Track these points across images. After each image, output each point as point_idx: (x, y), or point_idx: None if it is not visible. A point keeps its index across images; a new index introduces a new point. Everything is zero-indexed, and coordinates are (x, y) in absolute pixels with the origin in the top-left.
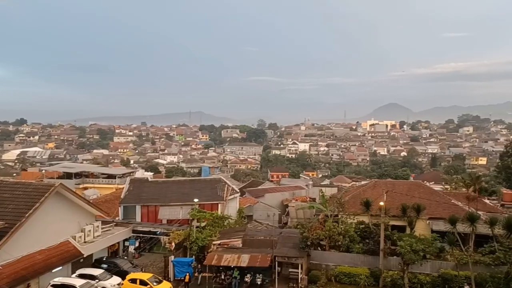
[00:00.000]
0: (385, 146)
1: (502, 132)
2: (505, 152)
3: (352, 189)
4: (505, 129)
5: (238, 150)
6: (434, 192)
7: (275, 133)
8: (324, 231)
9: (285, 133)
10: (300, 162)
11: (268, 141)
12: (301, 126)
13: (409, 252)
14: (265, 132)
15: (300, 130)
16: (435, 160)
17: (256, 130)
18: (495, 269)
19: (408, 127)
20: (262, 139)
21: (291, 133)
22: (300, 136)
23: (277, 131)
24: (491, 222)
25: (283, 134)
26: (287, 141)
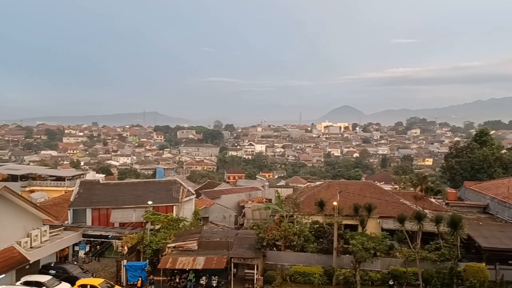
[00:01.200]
0: (338, 148)
1: (447, 135)
2: (449, 153)
3: (307, 189)
4: (449, 131)
5: (194, 151)
6: (384, 192)
7: (232, 134)
8: (280, 231)
9: (241, 135)
10: (257, 163)
11: (225, 142)
12: (258, 128)
13: (360, 250)
14: (221, 133)
15: (257, 131)
16: (385, 161)
17: (212, 131)
18: (440, 265)
19: (360, 129)
20: (219, 140)
21: (248, 134)
22: (257, 138)
23: (233, 132)
24: (436, 220)
25: (239, 135)
26: (244, 143)
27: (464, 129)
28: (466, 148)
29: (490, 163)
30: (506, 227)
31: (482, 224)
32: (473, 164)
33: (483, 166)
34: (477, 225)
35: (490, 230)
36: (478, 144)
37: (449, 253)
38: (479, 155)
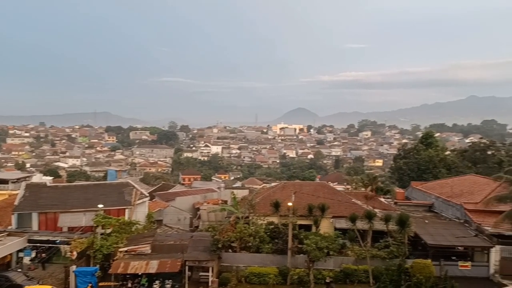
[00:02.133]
0: (293, 149)
1: (396, 137)
2: (397, 155)
3: (262, 190)
4: (398, 133)
5: (148, 152)
6: (337, 192)
7: (187, 136)
8: (235, 232)
9: (197, 136)
10: (212, 165)
11: (180, 143)
12: (214, 129)
13: (314, 250)
14: (176, 134)
15: (213, 132)
16: (338, 162)
17: (167, 132)
18: (389, 262)
19: (315, 131)
20: (174, 142)
21: (204, 135)
22: (213, 139)
23: (189, 134)
24: (386, 219)
25: (195, 136)
26: (199, 144)
27: (411, 131)
28: (413, 149)
29: (435, 164)
30: (449, 225)
31: (428, 222)
32: (420, 165)
33: (428, 166)
34: (423, 223)
35: (435, 227)
36: (424, 146)
37: (398, 250)
38: (425, 156)
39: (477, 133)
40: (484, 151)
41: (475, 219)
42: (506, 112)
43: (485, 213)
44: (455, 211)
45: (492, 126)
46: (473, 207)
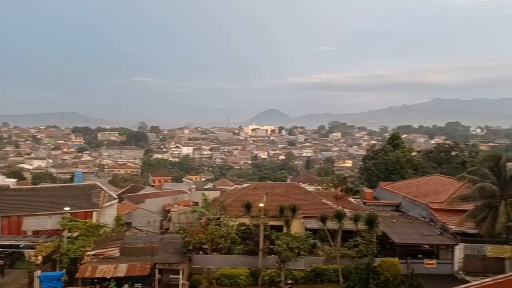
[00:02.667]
0: (265, 150)
1: (365, 138)
2: (366, 156)
3: (234, 192)
4: (367, 135)
5: (117, 154)
6: (308, 193)
7: (158, 137)
8: (206, 234)
9: (168, 137)
10: (183, 166)
11: (150, 144)
12: (185, 130)
13: (285, 250)
14: (146, 135)
15: (184, 133)
16: (309, 163)
17: (137, 133)
18: (358, 261)
19: (286, 132)
20: (144, 143)
21: (174, 136)
22: (184, 140)
23: (159, 135)
24: (355, 218)
25: (166, 137)
26: (170, 145)
27: (379, 132)
28: (381, 150)
29: (402, 165)
30: (416, 224)
31: (395, 221)
32: (387, 166)
33: (396, 167)
34: (391, 222)
35: (402, 226)
36: (391, 147)
37: (366, 249)
38: (392, 157)
39: (441, 135)
40: (448, 152)
41: (440, 218)
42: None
43: (450, 212)
44: (421, 210)
45: (456, 128)
46: (438, 206)
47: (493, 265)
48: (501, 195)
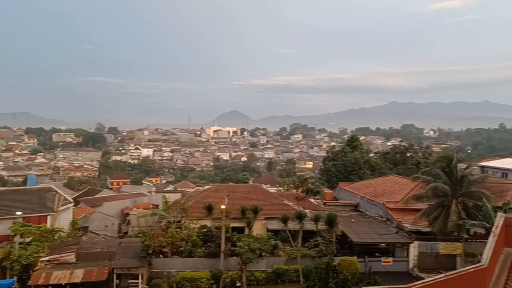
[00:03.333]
0: (227, 152)
1: (325, 140)
2: (326, 157)
3: (195, 194)
4: (327, 136)
5: (73, 156)
6: (270, 194)
7: (116, 138)
8: (167, 237)
9: (127, 138)
10: (143, 168)
11: (108, 146)
12: (144, 131)
13: (247, 252)
14: (104, 136)
15: (143, 135)
16: (271, 164)
17: (94, 134)
18: (318, 260)
19: (248, 133)
20: (101, 144)
21: (134, 138)
22: (143, 141)
23: (118, 136)
24: (315, 219)
25: (124, 139)
26: (129, 146)
27: (339, 134)
28: (341, 152)
29: (360, 166)
30: (373, 223)
31: (354, 221)
32: (346, 167)
33: (354, 168)
34: (349, 222)
35: (360, 226)
36: (350, 149)
37: (326, 249)
38: (351, 158)
39: (397, 137)
40: (403, 153)
41: (396, 217)
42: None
43: (405, 211)
44: (378, 209)
45: (410, 130)
46: (394, 205)
47: (446, 262)
48: (452, 195)
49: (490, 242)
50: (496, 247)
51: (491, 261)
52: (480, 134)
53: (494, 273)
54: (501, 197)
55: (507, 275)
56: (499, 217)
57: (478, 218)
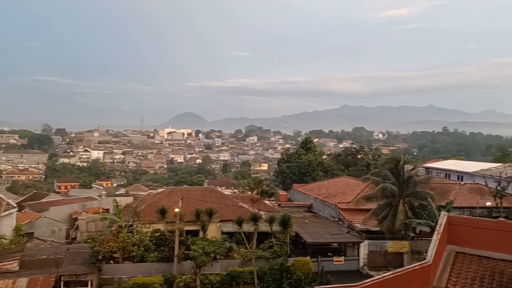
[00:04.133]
0: (182, 154)
1: (279, 142)
2: (281, 159)
3: (148, 197)
4: (281, 139)
5: (17, 158)
6: (225, 196)
7: (64, 140)
8: (118, 242)
9: (75, 140)
10: (93, 171)
11: (55, 148)
12: (95, 133)
13: (201, 255)
14: (51, 138)
15: (93, 136)
16: (226, 167)
17: (40, 136)
18: (273, 261)
19: (203, 135)
20: (48, 146)
21: (83, 140)
22: (93, 143)
23: (66, 138)
24: (270, 220)
25: (73, 140)
26: (78, 149)
27: (293, 137)
28: (295, 154)
29: (313, 167)
30: (326, 223)
31: (307, 221)
32: (300, 168)
33: (308, 170)
34: (303, 223)
35: (313, 226)
36: (304, 151)
37: (280, 250)
38: (305, 160)
39: (349, 139)
40: (354, 155)
41: (347, 217)
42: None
43: (356, 211)
44: (331, 210)
45: (361, 133)
46: (345, 206)
47: (394, 260)
48: (400, 195)
49: (434, 240)
50: (440, 245)
51: (435, 258)
52: (425, 137)
53: (438, 269)
54: (444, 196)
55: (450, 271)
56: (443, 216)
57: (423, 217)
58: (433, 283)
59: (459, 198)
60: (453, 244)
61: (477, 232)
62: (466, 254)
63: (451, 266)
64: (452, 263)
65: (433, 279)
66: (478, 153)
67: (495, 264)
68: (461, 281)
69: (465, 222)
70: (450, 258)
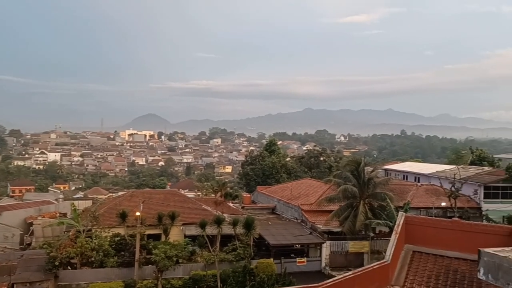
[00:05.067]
0: (143, 156)
1: (244, 144)
2: (245, 161)
3: (108, 200)
4: (245, 141)
5: None
6: (188, 199)
7: (19, 141)
8: (76, 248)
9: (31, 142)
10: (50, 174)
11: (9, 150)
12: (52, 134)
13: (163, 259)
14: (4, 139)
15: (50, 138)
16: (190, 169)
17: None
18: (236, 264)
19: (166, 137)
20: (1, 148)
21: (39, 141)
22: (50, 145)
23: (21, 139)
24: (233, 223)
25: (28, 142)
26: (34, 151)
27: (257, 139)
28: (259, 156)
29: (277, 169)
30: (289, 225)
31: (271, 223)
32: (264, 171)
33: (272, 172)
34: (267, 224)
35: (277, 228)
36: (268, 153)
37: (244, 252)
38: (268, 163)
39: (312, 142)
40: (317, 157)
41: (310, 219)
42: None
43: (318, 212)
44: (294, 212)
45: (324, 136)
46: (308, 207)
47: (354, 260)
48: (360, 196)
49: (393, 239)
50: (398, 244)
51: (393, 257)
52: (384, 140)
53: (396, 268)
54: (402, 197)
55: (407, 270)
56: (400, 216)
57: (382, 218)
58: (391, 282)
59: (416, 199)
60: (410, 244)
61: (432, 231)
62: (423, 253)
63: (409, 265)
64: (409, 262)
65: (391, 278)
66: (434, 156)
67: (449, 262)
68: (418, 279)
69: (421, 222)
70: (408, 257)
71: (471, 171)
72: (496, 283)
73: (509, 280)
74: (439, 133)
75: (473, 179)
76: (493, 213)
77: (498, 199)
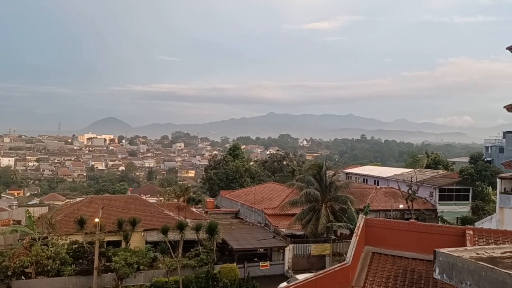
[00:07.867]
0: (103, 161)
1: (207, 148)
2: (208, 166)
3: (65, 207)
4: (209, 145)
5: None
6: (150, 205)
7: None
8: (30, 256)
9: None
10: (3, 180)
11: None
12: (5, 138)
13: (123, 266)
14: None
15: (4, 142)
16: (152, 174)
17: None
18: (199, 270)
19: (127, 142)
20: None
21: None
22: (3, 149)
23: None
24: (196, 228)
25: None
26: None
27: (221, 143)
28: (222, 160)
29: (241, 174)
30: (252, 229)
31: (234, 228)
32: (228, 175)
33: (235, 176)
34: (230, 229)
35: (241, 232)
36: (232, 157)
37: (207, 257)
38: (232, 167)
39: (275, 146)
40: (280, 161)
41: (273, 222)
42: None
43: (281, 216)
44: (257, 216)
45: (287, 140)
46: (271, 211)
47: (316, 262)
48: (322, 199)
49: (353, 241)
50: (358, 246)
51: (354, 259)
52: (345, 144)
53: (356, 270)
54: (363, 200)
55: (367, 271)
56: (361, 218)
57: (343, 220)
58: (352, 283)
59: (376, 202)
60: (370, 245)
61: (391, 233)
62: (382, 254)
63: (368, 266)
64: (369, 263)
65: (352, 279)
66: (392, 159)
67: (407, 262)
68: (377, 280)
69: (380, 224)
70: (368, 259)
71: (427, 174)
72: (451, 282)
73: (462, 279)
74: (397, 137)
75: (428, 182)
76: (447, 214)
77: (452, 201)
